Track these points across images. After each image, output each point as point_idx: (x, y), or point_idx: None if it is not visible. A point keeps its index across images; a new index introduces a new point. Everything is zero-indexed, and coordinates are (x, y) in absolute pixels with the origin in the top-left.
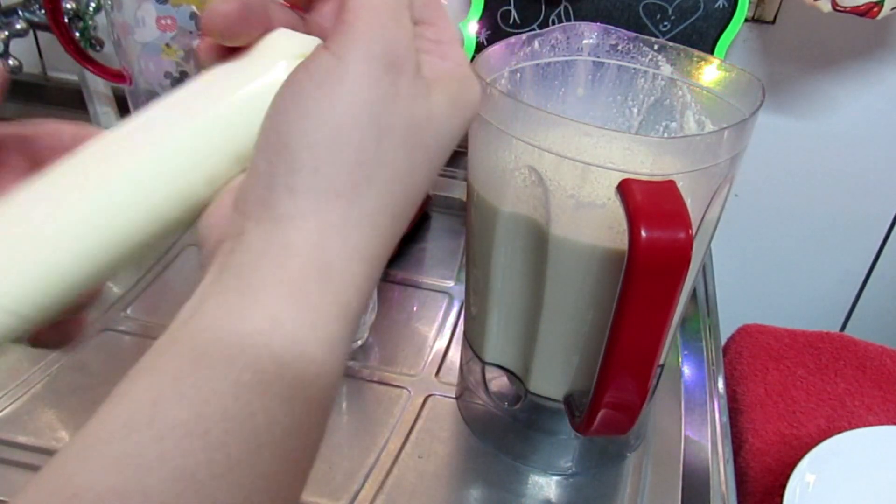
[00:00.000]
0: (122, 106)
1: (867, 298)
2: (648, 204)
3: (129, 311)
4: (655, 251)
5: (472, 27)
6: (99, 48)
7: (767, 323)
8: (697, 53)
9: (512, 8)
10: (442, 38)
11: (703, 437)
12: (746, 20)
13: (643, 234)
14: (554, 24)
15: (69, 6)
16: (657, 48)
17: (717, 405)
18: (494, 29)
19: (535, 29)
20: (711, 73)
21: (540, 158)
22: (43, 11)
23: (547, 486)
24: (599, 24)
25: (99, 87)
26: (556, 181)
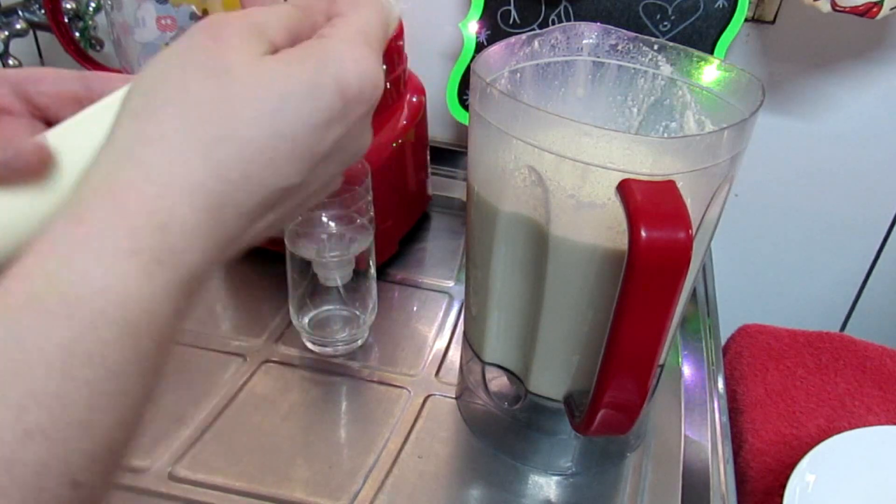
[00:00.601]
0: None
1: (867, 298)
2: (648, 204)
3: None
4: (655, 251)
5: (472, 27)
6: (99, 48)
7: (767, 323)
8: (697, 53)
9: (512, 8)
10: (336, 22)
11: (703, 437)
12: (746, 20)
13: (643, 234)
14: (554, 24)
15: (69, 6)
16: (657, 48)
17: (717, 405)
18: (494, 29)
19: (535, 29)
20: (711, 73)
21: (540, 158)
22: (43, 11)
23: (547, 486)
24: (599, 24)
25: None
26: (556, 181)
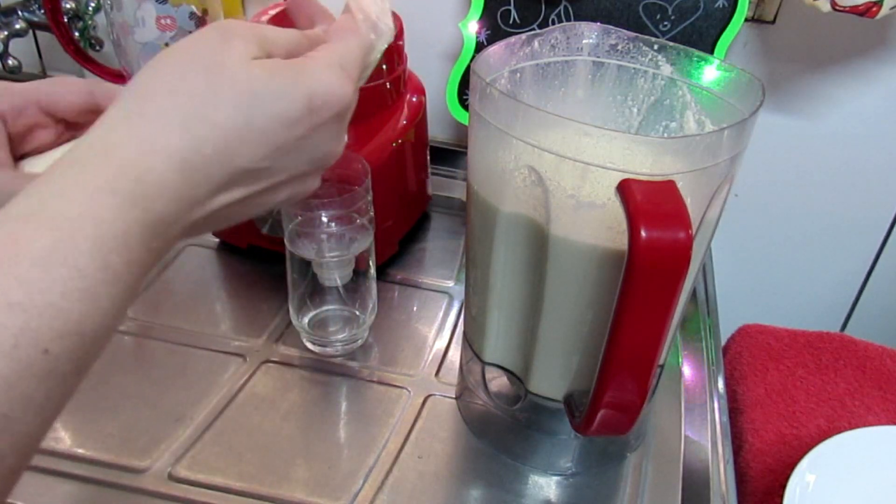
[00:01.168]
0: None
1: (867, 298)
2: (648, 204)
3: (129, 311)
4: (655, 251)
5: (472, 27)
6: (99, 48)
7: (767, 323)
8: (697, 53)
9: (512, 8)
10: (322, 47)
11: (703, 437)
12: (746, 20)
13: (643, 234)
14: (554, 24)
15: (69, 6)
16: (657, 48)
17: (717, 405)
18: (494, 29)
19: (535, 29)
20: (711, 73)
21: (540, 158)
22: (43, 11)
23: (547, 486)
24: (599, 24)
25: None
26: (556, 181)
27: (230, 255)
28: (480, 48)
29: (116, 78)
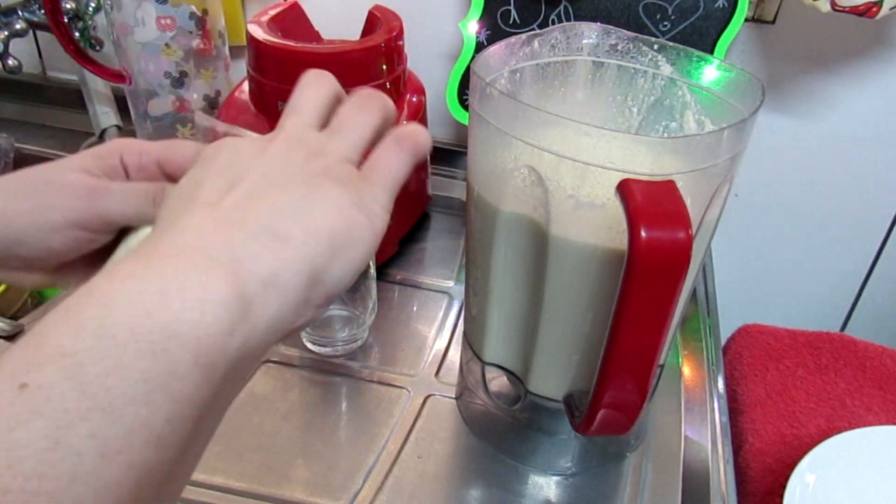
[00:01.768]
0: (121, 106)
1: (867, 298)
2: (648, 204)
3: None
4: (655, 251)
5: (472, 27)
6: (99, 48)
7: (767, 323)
8: (697, 53)
9: (512, 8)
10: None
11: (703, 437)
12: (746, 20)
13: (643, 234)
14: (554, 24)
15: (69, 6)
16: (657, 48)
17: (716, 405)
18: (494, 29)
19: (535, 29)
20: (711, 73)
21: (540, 158)
22: (43, 11)
23: (547, 486)
24: (599, 24)
25: (98, 87)
26: (555, 181)
27: None
28: (480, 48)
29: (116, 78)
